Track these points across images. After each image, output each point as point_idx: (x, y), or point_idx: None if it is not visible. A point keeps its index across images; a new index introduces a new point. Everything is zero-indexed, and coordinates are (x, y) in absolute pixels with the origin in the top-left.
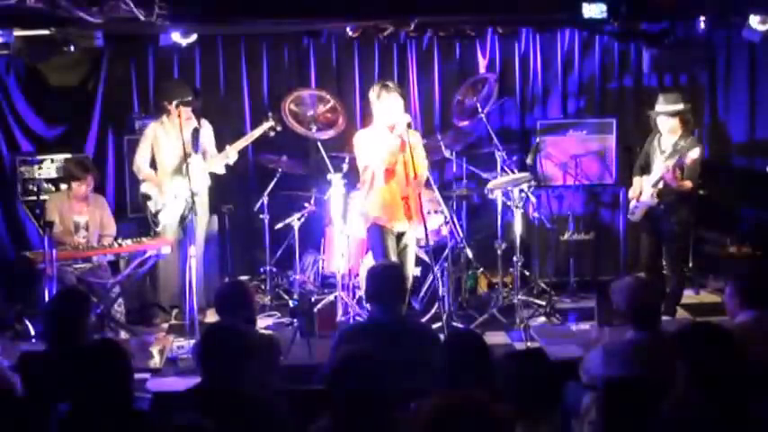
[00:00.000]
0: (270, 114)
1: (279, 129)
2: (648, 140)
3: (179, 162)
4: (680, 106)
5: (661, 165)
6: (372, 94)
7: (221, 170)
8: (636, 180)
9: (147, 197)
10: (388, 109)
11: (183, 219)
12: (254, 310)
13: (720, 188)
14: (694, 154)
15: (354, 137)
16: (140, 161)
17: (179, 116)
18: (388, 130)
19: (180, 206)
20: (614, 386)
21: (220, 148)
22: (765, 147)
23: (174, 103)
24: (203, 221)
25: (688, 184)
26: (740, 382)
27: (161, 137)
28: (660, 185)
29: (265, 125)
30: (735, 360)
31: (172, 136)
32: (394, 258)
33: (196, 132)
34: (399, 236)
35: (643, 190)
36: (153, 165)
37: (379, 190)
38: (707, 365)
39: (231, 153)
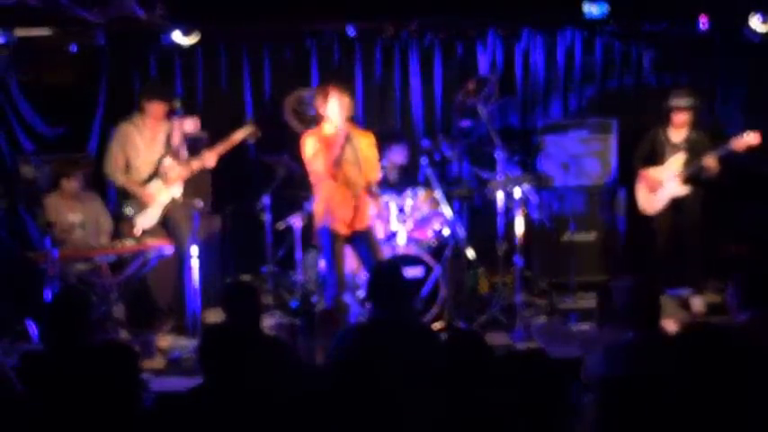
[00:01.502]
0: (247, 120)
1: (258, 135)
2: (652, 134)
3: (155, 166)
4: (693, 101)
5: (680, 157)
6: (319, 95)
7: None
8: (647, 172)
9: (125, 198)
10: (331, 113)
11: (165, 223)
12: (261, 310)
13: (720, 188)
14: (754, 139)
15: (301, 139)
16: (114, 166)
17: (154, 117)
18: (330, 134)
19: (160, 211)
20: (614, 386)
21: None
22: (765, 147)
23: (154, 102)
24: (185, 224)
25: (716, 168)
26: (740, 382)
27: (135, 139)
28: (687, 174)
29: (242, 132)
30: (735, 360)
31: (146, 137)
32: (341, 262)
33: (168, 135)
34: (354, 237)
35: (664, 181)
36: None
37: (327, 192)
38: (707, 366)
39: (211, 157)
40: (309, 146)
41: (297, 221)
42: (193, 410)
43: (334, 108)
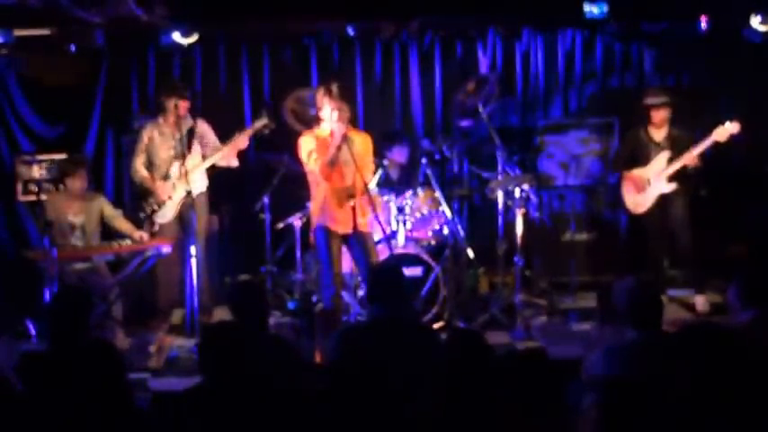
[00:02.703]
0: (263, 111)
1: (273, 126)
2: (631, 136)
3: (172, 162)
4: (667, 98)
5: (664, 155)
6: (318, 95)
7: (234, 163)
8: (632, 173)
9: (144, 196)
10: (326, 116)
11: (181, 219)
12: (267, 309)
13: (720, 188)
14: (734, 128)
15: (298, 140)
16: (137, 164)
17: (176, 114)
18: (326, 135)
19: (176, 207)
20: (614, 386)
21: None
22: (765, 147)
23: (173, 100)
24: (203, 221)
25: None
26: (741, 382)
27: (156, 138)
28: (673, 171)
29: (258, 123)
30: (735, 360)
31: (167, 136)
32: (337, 261)
33: (191, 133)
34: (349, 238)
35: (651, 180)
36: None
37: (323, 192)
38: (707, 366)
39: (227, 150)
40: (305, 146)
41: (296, 221)
42: (191, 410)
43: (328, 112)
